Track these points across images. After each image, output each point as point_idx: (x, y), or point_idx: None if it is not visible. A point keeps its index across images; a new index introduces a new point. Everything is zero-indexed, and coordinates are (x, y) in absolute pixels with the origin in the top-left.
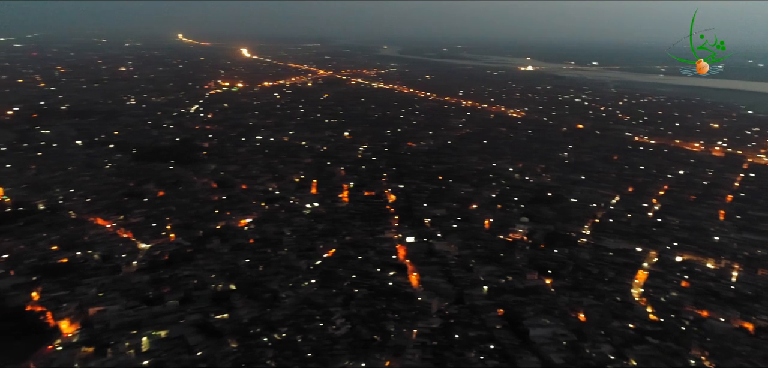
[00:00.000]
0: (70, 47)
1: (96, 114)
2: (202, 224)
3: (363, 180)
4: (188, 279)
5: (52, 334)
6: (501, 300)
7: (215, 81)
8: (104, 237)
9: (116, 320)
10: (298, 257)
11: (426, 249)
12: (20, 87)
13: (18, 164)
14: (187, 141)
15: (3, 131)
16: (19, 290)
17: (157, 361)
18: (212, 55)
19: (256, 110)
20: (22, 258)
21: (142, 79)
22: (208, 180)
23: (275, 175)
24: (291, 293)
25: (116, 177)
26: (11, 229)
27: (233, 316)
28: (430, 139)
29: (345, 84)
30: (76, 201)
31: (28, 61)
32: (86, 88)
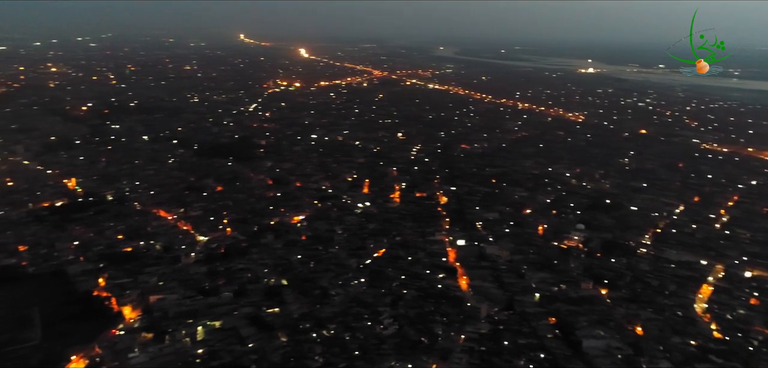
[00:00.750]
0: (140, 46)
1: (161, 110)
2: (257, 219)
3: (415, 181)
4: (242, 272)
5: (115, 319)
6: (553, 308)
7: (274, 80)
8: (166, 228)
9: (174, 308)
10: (349, 255)
11: (477, 253)
12: (94, 84)
13: (90, 157)
14: (246, 138)
15: (77, 125)
16: (87, 276)
17: (211, 350)
18: (272, 55)
19: (312, 109)
20: (91, 245)
21: (205, 77)
22: (264, 176)
23: (329, 173)
24: (340, 291)
25: (178, 171)
26: (82, 218)
27: (284, 311)
28: (484, 141)
29: (400, 85)
30: (141, 194)
31: (102, 59)
32: (153, 85)
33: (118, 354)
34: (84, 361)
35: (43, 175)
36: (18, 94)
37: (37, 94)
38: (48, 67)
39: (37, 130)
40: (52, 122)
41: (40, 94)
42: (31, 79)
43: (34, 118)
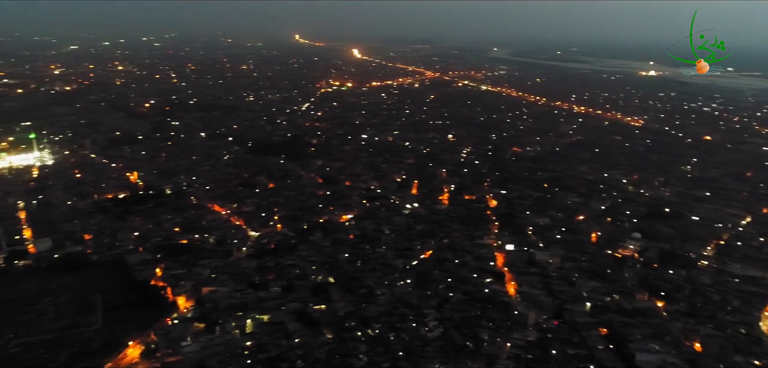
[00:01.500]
0: (201, 46)
1: (219, 108)
2: (306, 217)
3: (464, 183)
4: (291, 268)
5: (170, 308)
6: (605, 319)
7: (327, 80)
8: (219, 222)
9: (225, 300)
10: (396, 256)
11: (526, 259)
12: (157, 82)
13: (151, 152)
14: (298, 137)
15: (140, 122)
16: (145, 265)
17: (259, 344)
18: (325, 55)
19: (364, 110)
20: (149, 236)
21: (260, 77)
22: (314, 175)
23: (378, 173)
24: (386, 291)
25: (232, 168)
26: (142, 210)
27: (330, 308)
28: (536, 144)
29: (451, 86)
30: (197, 188)
31: (164, 58)
32: (212, 84)
33: (171, 342)
34: (140, 347)
35: (108, 168)
36: (87, 90)
37: (105, 91)
38: (115, 65)
39: (104, 125)
40: (118, 118)
41: (108, 91)
42: (99, 77)
43: (101, 113)
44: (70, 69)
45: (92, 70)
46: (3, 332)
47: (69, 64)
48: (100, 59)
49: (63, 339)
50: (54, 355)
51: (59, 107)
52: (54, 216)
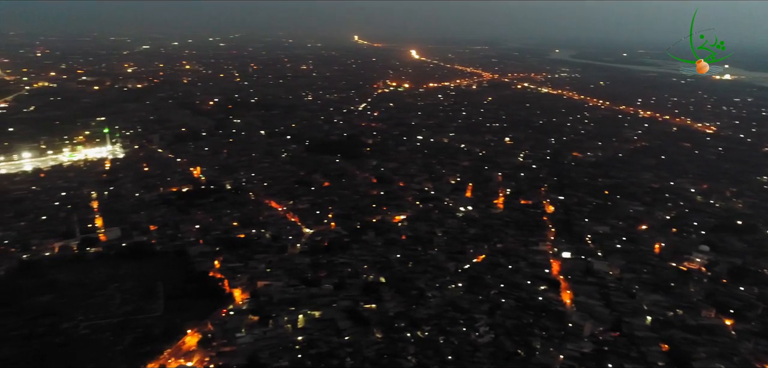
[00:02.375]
0: (263, 47)
1: (278, 107)
2: (360, 216)
3: (521, 187)
4: (343, 266)
5: (227, 299)
6: (667, 334)
7: (384, 81)
8: (275, 218)
9: (279, 295)
10: (448, 258)
11: (583, 268)
12: (221, 81)
13: (213, 148)
14: (354, 136)
15: (204, 119)
16: (205, 257)
17: (310, 339)
18: (383, 56)
19: (420, 111)
20: (210, 230)
21: (319, 77)
22: (369, 175)
23: (432, 175)
24: (437, 293)
25: (290, 165)
26: (204, 204)
27: (381, 308)
28: (598, 150)
29: (510, 88)
30: (255, 184)
31: (229, 58)
32: (272, 83)
33: (227, 332)
34: (198, 336)
35: (174, 162)
36: (157, 88)
37: (173, 89)
38: (183, 64)
39: (171, 121)
40: (184, 115)
41: (175, 89)
42: (168, 75)
43: (168, 110)
44: (142, 67)
45: (162, 68)
46: (74, 314)
47: (141, 62)
48: (169, 58)
49: (127, 323)
50: (119, 339)
51: (131, 104)
52: (123, 206)
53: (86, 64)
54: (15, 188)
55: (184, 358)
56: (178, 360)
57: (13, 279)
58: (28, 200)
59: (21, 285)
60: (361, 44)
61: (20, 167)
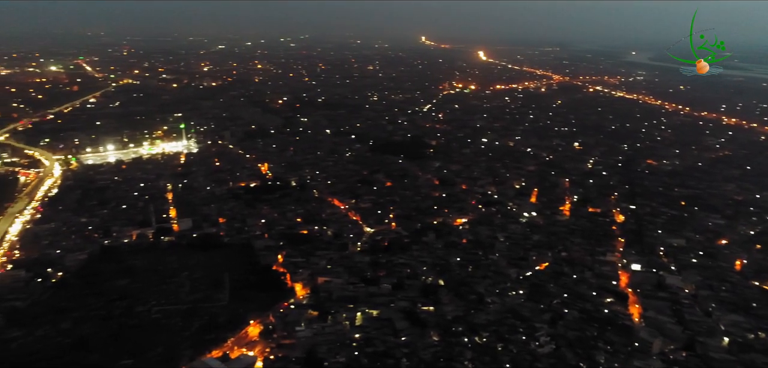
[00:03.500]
0: (331, 47)
1: (344, 107)
2: (420, 217)
3: (589, 194)
4: (402, 267)
5: (288, 293)
6: (746, 358)
7: (450, 82)
8: (337, 216)
9: (338, 292)
10: (509, 264)
11: (654, 281)
12: (290, 80)
13: (280, 145)
14: (417, 137)
15: (273, 117)
16: (269, 251)
17: (367, 337)
18: (450, 57)
19: (485, 113)
20: (274, 224)
21: (385, 77)
22: (431, 176)
23: (496, 178)
24: (497, 299)
25: (353, 164)
26: (270, 199)
27: (439, 310)
28: (675, 158)
29: (581, 91)
30: (319, 182)
31: (298, 58)
32: (339, 83)
33: (287, 325)
34: (260, 327)
35: (243, 158)
36: (230, 86)
37: (244, 88)
38: (255, 64)
39: (242, 119)
40: (254, 113)
41: (247, 88)
42: (241, 74)
43: (240, 108)
44: (217, 66)
45: (235, 67)
46: (148, 298)
47: (216, 62)
48: (242, 58)
49: (195, 310)
50: (187, 325)
51: (206, 101)
52: (195, 199)
53: (166, 62)
54: (100, 178)
55: (247, 347)
56: (240, 348)
57: (95, 263)
58: (110, 189)
59: (101, 268)
60: (428, 45)
61: (105, 158)
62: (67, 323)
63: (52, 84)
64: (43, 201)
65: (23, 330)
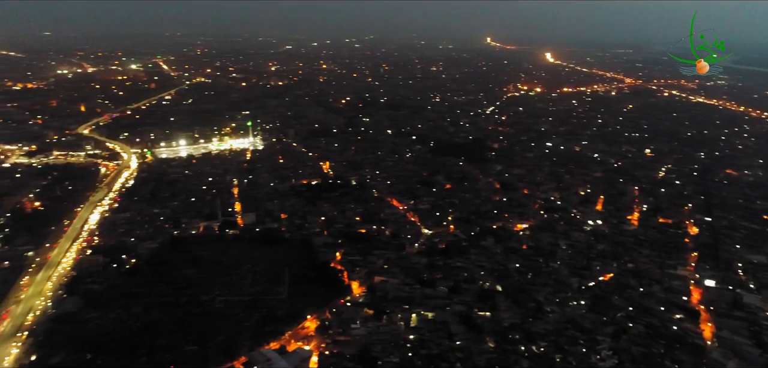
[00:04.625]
0: (396, 48)
1: (406, 108)
2: (480, 221)
3: (660, 204)
4: (459, 270)
5: (345, 290)
6: None
7: (514, 84)
8: (396, 217)
9: (394, 292)
10: (571, 273)
11: (730, 299)
12: (354, 80)
13: (342, 145)
14: (479, 140)
15: (336, 116)
16: (328, 248)
17: (421, 339)
18: (516, 58)
19: (551, 116)
20: (334, 222)
21: (448, 79)
22: (492, 180)
23: (560, 184)
24: (557, 309)
25: (413, 165)
26: (330, 198)
27: (495, 317)
28: (758, 168)
29: (655, 95)
30: (379, 182)
31: (362, 59)
32: (402, 84)
33: (343, 322)
34: (316, 322)
35: (306, 156)
36: (295, 86)
37: (309, 87)
38: (320, 64)
39: (306, 117)
40: (318, 112)
41: (311, 87)
42: (306, 74)
43: (304, 107)
44: (284, 66)
45: (301, 67)
46: (212, 288)
47: (283, 62)
48: (308, 58)
49: (256, 302)
50: (247, 315)
51: (272, 100)
52: (259, 194)
53: (237, 62)
54: (172, 171)
55: (303, 341)
56: (297, 342)
57: (165, 252)
58: (181, 183)
59: (170, 257)
60: (493, 46)
61: (177, 153)
62: (138, 307)
63: (132, 81)
64: (121, 191)
65: (99, 311)
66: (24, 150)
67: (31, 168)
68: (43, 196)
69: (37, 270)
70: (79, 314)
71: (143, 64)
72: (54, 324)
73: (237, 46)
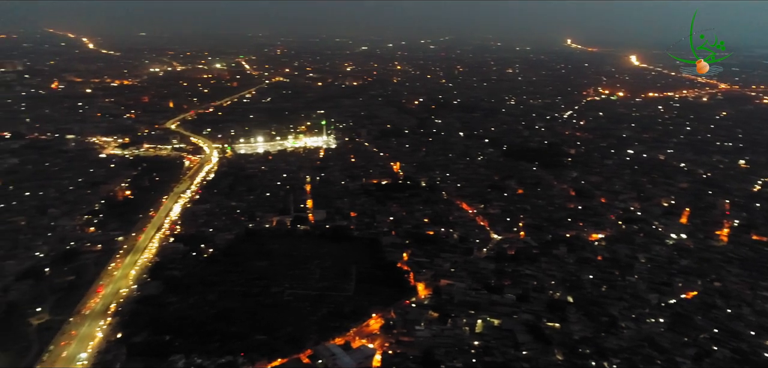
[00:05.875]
0: (471, 49)
1: (479, 110)
2: (552, 229)
3: (754, 220)
4: (529, 278)
5: (410, 291)
6: None
7: (595, 88)
8: (465, 220)
9: (460, 296)
10: (649, 289)
11: None
12: (427, 81)
13: (413, 145)
14: (555, 145)
15: (408, 117)
16: (395, 248)
17: (486, 346)
18: (597, 61)
19: (633, 122)
20: (402, 223)
21: (524, 81)
22: (567, 187)
23: (640, 194)
24: (632, 325)
25: (485, 169)
26: (399, 198)
27: (565, 328)
28: None
29: (753, 102)
30: (449, 184)
31: (437, 60)
32: (476, 86)
33: (407, 323)
34: (381, 321)
35: (377, 156)
36: (369, 86)
37: (383, 88)
38: (395, 65)
39: (378, 117)
40: (390, 112)
41: (385, 88)
42: (380, 75)
43: (377, 107)
44: (359, 67)
45: (376, 68)
46: (282, 281)
47: (358, 62)
48: (383, 59)
49: (323, 297)
50: (315, 310)
51: (346, 99)
52: (330, 192)
53: (314, 62)
54: (250, 166)
55: (367, 339)
56: (361, 339)
57: (240, 244)
58: (257, 178)
59: (245, 249)
60: (573, 48)
61: (255, 149)
62: (213, 295)
63: (216, 80)
64: (202, 184)
65: (178, 296)
66: (118, 142)
67: (123, 159)
68: (133, 186)
69: (126, 255)
70: (161, 297)
71: (227, 63)
72: (138, 305)
73: (315, 47)
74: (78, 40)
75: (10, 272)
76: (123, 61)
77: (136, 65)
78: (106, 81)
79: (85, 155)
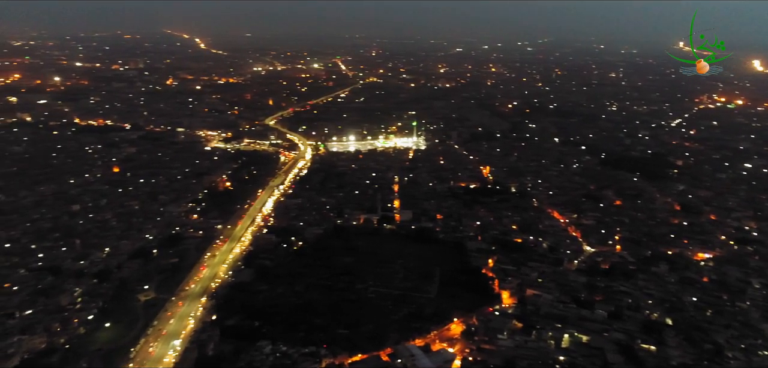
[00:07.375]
0: (571, 52)
1: (577, 115)
2: (652, 244)
3: None
4: (623, 295)
5: (494, 299)
6: None
7: (709, 95)
8: (555, 229)
9: (547, 308)
10: (763, 318)
11: None
12: (523, 85)
13: (505, 150)
14: (659, 155)
15: (501, 120)
16: (481, 253)
17: (572, 362)
18: None
19: (753, 133)
20: (489, 228)
21: (628, 86)
22: (672, 200)
23: (758, 212)
24: (741, 356)
25: (580, 177)
26: (487, 202)
27: (661, 352)
28: None
29: None
30: (540, 191)
31: (533, 63)
32: (575, 90)
33: (489, 331)
34: (462, 326)
35: (466, 159)
36: (462, 89)
37: (476, 90)
38: (489, 67)
39: (469, 120)
40: (482, 115)
41: (478, 90)
42: (474, 77)
43: (469, 110)
44: (453, 68)
45: (470, 70)
46: (366, 278)
47: (452, 64)
48: (477, 61)
49: (405, 297)
50: (396, 309)
51: (438, 101)
52: (417, 193)
53: (407, 63)
54: (341, 164)
55: (447, 343)
56: (442, 343)
57: (328, 239)
58: (347, 175)
59: (332, 244)
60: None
61: (346, 147)
62: (300, 286)
63: (314, 79)
64: (295, 179)
65: (268, 285)
66: (222, 136)
67: (226, 152)
68: (233, 178)
69: (223, 242)
70: (252, 285)
71: (324, 63)
72: (231, 290)
73: (409, 48)
74: (191, 41)
75: (124, 251)
76: (229, 60)
77: (241, 64)
78: (214, 78)
79: (192, 147)
